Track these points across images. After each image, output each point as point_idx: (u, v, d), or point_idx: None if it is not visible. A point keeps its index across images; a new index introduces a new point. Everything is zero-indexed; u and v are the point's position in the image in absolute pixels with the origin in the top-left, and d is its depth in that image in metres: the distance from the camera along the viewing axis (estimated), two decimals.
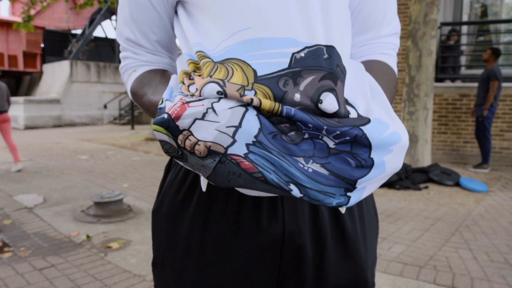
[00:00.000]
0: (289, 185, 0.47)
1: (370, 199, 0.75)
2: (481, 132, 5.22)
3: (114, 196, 3.41)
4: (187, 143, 0.46)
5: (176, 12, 0.62)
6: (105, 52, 16.92)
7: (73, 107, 13.63)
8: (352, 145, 0.47)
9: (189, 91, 0.49)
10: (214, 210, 0.63)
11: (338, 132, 0.46)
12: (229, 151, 0.45)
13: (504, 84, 5.42)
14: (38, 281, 2.19)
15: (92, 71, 14.26)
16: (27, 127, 12.37)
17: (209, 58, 0.50)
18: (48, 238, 2.85)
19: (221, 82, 0.47)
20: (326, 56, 0.50)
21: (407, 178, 4.42)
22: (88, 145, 8.08)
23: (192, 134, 0.45)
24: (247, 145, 0.45)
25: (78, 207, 3.58)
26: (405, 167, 4.56)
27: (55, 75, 14.38)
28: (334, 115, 0.47)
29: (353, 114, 0.50)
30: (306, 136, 0.46)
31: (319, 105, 0.47)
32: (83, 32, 15.79)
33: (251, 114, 0.45)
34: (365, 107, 0.51)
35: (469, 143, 5.92)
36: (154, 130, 0.48)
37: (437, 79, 6.06)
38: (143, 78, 0.65)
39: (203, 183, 0.60)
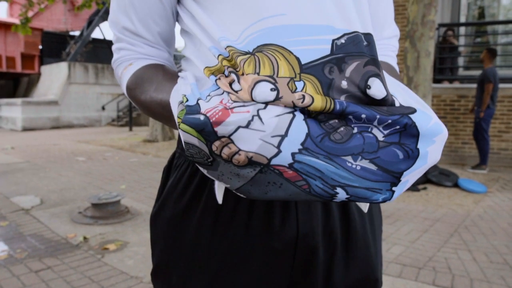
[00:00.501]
0: (335, 189, 0.45)
1: None
2: (479, 133, 5.22)
3: (112, 198, 3.39)
4: (226, 150, 0.42)
5: (179, 2, 0.59)
6: (103, 54, 16.89)
7: (71, 108, 13.59)
8: (401, 135, 0.45)
9: (231, 88, 0.44)
10: (223, 215, 0.59)
11: (390, 120, 0.44)
12: (273, 162, 0.42)
13: (501, 85, 5.43)
14: (34, 283, 2.17)
15: (90, 72, 14.23)
16: (25, 129, 12.33)
17: (245, 52, 0.46)
18: (45, 239, 2.83)
19: (271, 80, 0.43)
20: (365, 43, 0.48)
21: None
22: (86, 147, 8.05)
23: (232, 142, 0.41)
24: (293, 154, 0.42)
25: (75, 208, 3.56)
26: None
27: (53, 77, 14.35)
28: (382, 102, 0.46)
29: (396, 103, 0.48)
30: (355, 130, 0.44)
31: (368, 91, 0.45)
32: (81, 34, 15.77)
33: (299, 119, 0.42)
34: (402, 98, 0.49)
35: (468, 144, 5.93)
36: (181, 129, 0.43)
37: (435, 80, 6.07)
38: (143, 73, 0.59)
39: (219, 194, 0.54)
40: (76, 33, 17.21)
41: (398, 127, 0.45)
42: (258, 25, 0.47)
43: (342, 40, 0.47)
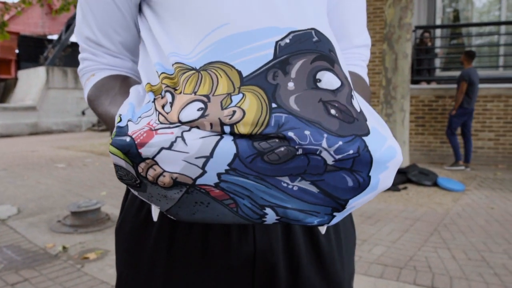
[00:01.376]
0: (264, 209, 0.43)
1: None
2: (448, 129, 5.42)
3: (92, 205, 3.33)
4: (151, 172, 0.41)
5: (140, 11, 0.58)
6: None
7: (50, 114, 13.30)
8: (355, 161, 0.41)
9: (163, 110, 0.43)
10: (180, 229, 0.59)
11: (340, 143, 0.40)
12: (198, 182, 0.41)
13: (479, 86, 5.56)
14: None
15: (69, 77, 13.96)
16: (2, 136, 11.99)
17: (191, 68, 0.45)
18: (22, 250, 2.75)
19: (204, 99, 0.41)
20: (315, 39, 0.45)
21: None
22: (65, 153, 7.89)
23: (157, 164, 0.40)
24: (219, 174, 0.40)
25: (54, 217, 3.48)
26: None
27: (31, 82, 14.01)
28: (342, 95, 0.42)
29: (356, 104, 0.44)
30: (300, 152, 0.40)
31: (318, 84, 0.42)
32: (60, 38, 15.45)
33: (226, 140, 0.39)
34: (366, 111, 0.46)
35: (446, 143, 6.06)
36: (110, 152, 0.42)
37: (413, 81, 6.19)
38: (102, 85, 0.59)
39: (155, 212, 0.53)
40: (54, 37, 16.87)
41: (351, 152, 0.41)
42: (209, 39, 0.46)
43: (287, 40, 0.45)
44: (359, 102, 0.46)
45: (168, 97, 0.44)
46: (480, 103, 5.86)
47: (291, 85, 0.42)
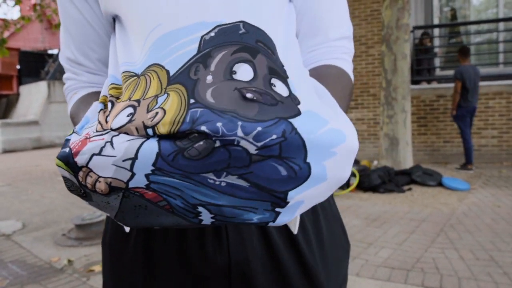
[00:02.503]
0: (197, 208, 0.41)
1: (331, 214, 0.68)
2: (461, 132, 5.32)
3: (96, 217, 3.32)
4: (88, 180, 0.41)
5: (114, 29, 0.59)
6: None
7: (53, 128, 13.35)
8: (282, 147, 0.37)
9: (106, 121, 0.44)
10: (155, 240, 0.59)
11: (259, 128, 0.37)
12: (130, 185, 0.40)
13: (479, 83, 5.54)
14: None
15: None
16: (6, 151, 12.04)
17: (134, 74, 0.46)
18: (27, 265, 2.74)
19: (135, 104, 0.42)
20: (242, 31, 0.44)
21: (390, 181, 4.46)
22: None
23: (91, 171, 0.41)
24: (147, 175, 0.40)
25: (59, 230, 3.47)
26: (388, 170, 4.60)
27: (33, 96, 14.10)
28: (251, 90, 0.40)
29: (280, 89, 0.41)
30: (218, 144, 0.37)
31: (233, 76, 0.41)
32: (60, 52, 15.57)
33: (150, 141, 0.39)
34: (302, 92, 0.43)
35: (449, 143, 6.03)
36: (56, 164, 0.43)
37: (413, 82, 6.18)
38: (81, 103, 0.60)
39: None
40: (55, 51, 17.01)
41: (274, 136, 0.37)
42: (147, 42, 0.47)
43: (212, 34, 0.44)
44: (295, 89, 0.43)
45: (109, 106, 0.46)
46: (482, 100, 5.84)
47: (209, 78, 0.41)
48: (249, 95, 0.39)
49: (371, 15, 6.42)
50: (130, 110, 0.41)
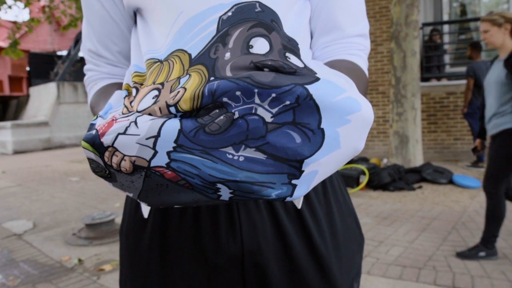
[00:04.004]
0: (216, 185, 0.41)
1: (345, 207, 0.68)
2: (471, 130, 5.24)
3: (106, 217, 3.34)
4: (114, 159, 0.43)
5: (135, 22, 0.61)
6: None
7: (62, 128, 13.49)
8: (295, 112, 0.38)
9: (131, 106, 0.46)
10: (171, 228, 0.61)
11: (274, 95, 0.37)
12: (152, 163, 0.41)
13: None
14: None
15: (79, 91, 14.16)
16: (16, 152, 12.19)
17: (158, 60, 0.48)
18: (38, 264, 2.77)
19: (160, 86, 0.43)
20: (258, 9, 0.46)
21: (400, 179, 4.42)
22: (78, 166, 7.97)
23: (117, 150, 0.42)
24: (168, 153, 0.40)
25: (69, 230, 3.50)
26: (398, 167, 4.56)
27: (42, 98, 14.26)
28: (266, 63, 0.40)
29: (294, 61, 0.42)
30: (237, 115, 0.38)
31: (250, 50, 0.42)
32: (69, 53, 15.72)
33: (173, 119, 0.40)
34: (320, 69, 0.43)
35: (460, 140, 5.96)
36: (82, 147, 0.45)
37: (423, 79, 6.12)
38: (101, 93, 0.63)
39: (144, 209, 0.56)
40: (64, 52, 17.17)
41: (288, 102, 0.37)
42: (172, 30, 0.49)
43: (229, 13, 0.46)
44: (309, 64, 0.44)
45: (134, 92, 0.48)
46: None
47: (227, 55, 0.42)
48: (266, 69, 0.40)
49: (379, 12, 6.37)
50: (155, 92, 0.43)
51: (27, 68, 16.19)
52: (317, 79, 0.39)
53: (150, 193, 0.45)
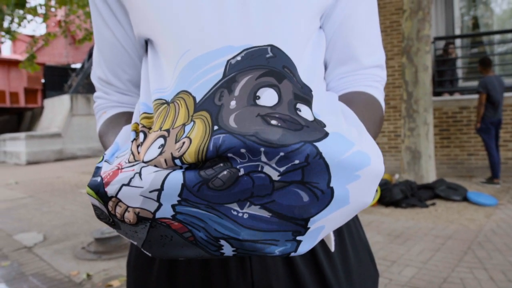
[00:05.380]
0: (219, 241, 0.40)
1: (358, 240, 0.65)
2: (485, 145, 5.15)
3: (115, 231, 3.33)
4: (118, 210, 0.42)
5: (146, 51, 0.59)
6: None
7: (75, 140, 13.66)
8: (304, 171, 0.36)
9: (138, 152, 0.44)
10: (179, 266, 0.59)
11: (282, 153, 0.36)
12: (158, 215, 0.41)
13: (504, 94, 5.37)
14: None
15: (92, 104, 14.31)
16: (29, 162, 12.36)
17: (165, 101, 0.46)
18: (47, 278, 2.76)
19: (166, 134, 0.42)
20: (270, 55, 0.43)
21: (412, 196, 4.34)
22: (89, 178, 8.01)
23: (120, 201, 0.41)
24: (173, 206, 0.40)
25: (78, 243, 3.50)
26: (410, 184, 4.48)
27: (56, 110, 14.50)
28: (274, 116, 0.38)
29: (305, 114, 0.40)
30: (242, 172, 0.37)
31: (257, 101, 0.39)
32: (82, 66, 16.02)
33: (176, 172, 0.39)
34: (330, 118, 0.42)
35: (473, 155, 5.85)
36: (87, 193, 0.44)
37: (435, 93, 6.05)
38: (110, 122, 0.62)
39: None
40: (78, 65, 17.51)
41: (297, 161, 0.36)
42: (177, 68, 0.47)
43: (238, 58, 0.43)
44: (319, 115, 0.42)
45: (141, 137, 0.46)
46: (508, 112, 5.66)
47: (233, 103, 0.40)
48: (273, 122, 0.38)
49: (390, 27, 6.36)
50: (161, 141, 0.41)
51: (42, 81, 16.53)
52: (326, 134, 0.37)
53: (154, 244, 0.44)
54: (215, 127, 0.38)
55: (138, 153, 0.44)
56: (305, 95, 0.43)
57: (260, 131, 0.36)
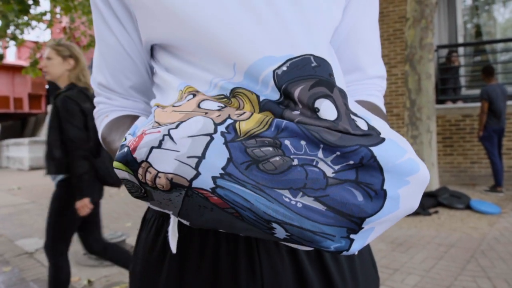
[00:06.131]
0: (270, 224, 0.39)
1: (365, 248, 0.66)
2: (488, 154, 5.13)
3: (116, 237, 3.33)
4: (148, 176, 0.40)
5: (153, 56, 0.59)
6: None
7: None
8: (358, 171, 0.38)
9: (173, 105, 0.43)
10: (188, 272, 0.57)
11: (338, 153, 0.38)
12: (194, 184, 0.39)
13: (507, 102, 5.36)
14: None
15: None
16: (32, 168, 12.40)
17: (224, 96, 0.46)
18: None
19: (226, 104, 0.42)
20: (314, 64, 0.44)
21: None
22: None
23: (151, 166, 0.39)
24: (214, 178, 0.38)
25: (80, 249, 3.48)
26: None
27: None
28: (337, 129, 0.40)
29: (361, 124, 0.42)
30: (296, 162, 0.38)
31: (318, 113, 0.41)
32: None
33: (217, 142, 0.38)
34: (377, 122, 0.44)
35: (477, 163, 5.83)
36: (115, 167, 0.42)
37: (438, 101, 6.05)
38: (113, 124, 0.60)
39: (173, 243, 0.53)
40: None
41: (352, 161, 0.38)
42: (237, 76, 0.46)
43: (284, 68, 0.44)
44: (370, 119, 0.44)
45: (188, 96, 0.44)
46: (511, 120, 5.64)
47: (296, 112, 0.42)
48: (334, 132, 0.40)
49: (393, 35, 6.38)
50: (220, 105, 0.42)
51: (46, 86, 16.64)
52: (382, 140, 0.40)
53: (191, 212, 0.43)
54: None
55: (179, 105, 0.42)
56: (352, 105, 0.45)
57: (321, 131, 0.39)
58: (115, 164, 0.42)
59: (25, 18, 6.67)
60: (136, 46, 0.59)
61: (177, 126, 0.39)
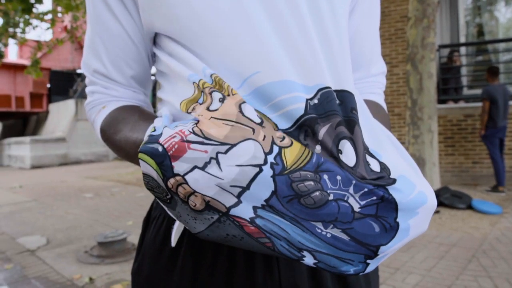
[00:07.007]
0: (302, 252, 0.43)
1: None
2: (489, 153, 5.12)
3: (118, 236, 3.33)
4: (181, 190, 0.38)
5: (155, 43, 0.56)
6: None
7: (79, 145, 13.71)
8: (378, 207, 0.43)
9: (208, 109, 0.41)
10: (202, 273, 0.55)
11: (366, 189, 0.42)
12: (232, 212, 0.39)
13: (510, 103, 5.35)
14: None
15: None
16: (34, 167, 12.42)
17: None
18: (49, 282, 2.76)
19: (262, 118, 0.42)
20: (338, 101, 0.46)
21: None
22: (93, 183, 8.05)
23: (186, 183, 0.37)
24: (255, 208, 0.39)
25: (81, 247, 3.50)
26: None
27: (61, 114, 14.58)
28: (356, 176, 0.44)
29: (374, 166, 0.45)
30: (331, 197, 0.41)
31: (340, 156, 0.43)
32: None
33: (265, 175, 0.38)
34: (388, 157, 0.47)
35: (478, 163, 5.82)
36: (140, 158, 0.39)
37: (440, 101, 6.04)
38: (118, 114, 0.55)
39: (175, 237, 0.51)
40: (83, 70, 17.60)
41: (375, 198, 0.42)
42: (245, 87, 0.44)
43: (315, 100, 0.44)
44: (384, 158, 0.46)
45: (216, 95, 0.43)
46: None
47: (318, 148, 0.43)
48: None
49: (395, 34, 6.37)
50: (259, 117, 0.42)
51: (48, 85, 16.65)
52: (394, 180, 0.43)
53: (212, 236, 0.42)
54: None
55: (215, 110, 0.41)
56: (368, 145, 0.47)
57: (351, 170, 0.43)
58: (141, 155, 0.39)
59: (26, 17, 6.68)
60: (140, 31, 0.55)
61: (226, 151, 0.38)
